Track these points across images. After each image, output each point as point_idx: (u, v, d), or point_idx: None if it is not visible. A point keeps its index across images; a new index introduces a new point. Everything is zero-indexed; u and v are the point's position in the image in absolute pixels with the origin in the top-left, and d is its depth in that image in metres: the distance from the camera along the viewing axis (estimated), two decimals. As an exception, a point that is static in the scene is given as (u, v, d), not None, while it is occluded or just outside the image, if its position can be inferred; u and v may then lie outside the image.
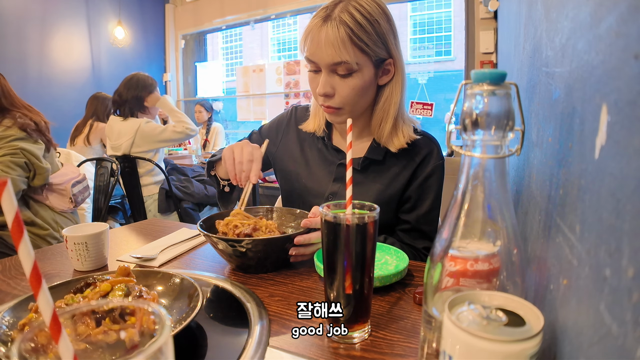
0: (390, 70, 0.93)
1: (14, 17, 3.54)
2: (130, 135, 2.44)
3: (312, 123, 1.06)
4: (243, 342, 0.53)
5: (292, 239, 0.75)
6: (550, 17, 0.49)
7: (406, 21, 7.51)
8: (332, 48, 0.84)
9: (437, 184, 0.98)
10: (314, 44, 0.86)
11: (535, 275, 0.47)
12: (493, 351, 0.30)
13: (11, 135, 1.50)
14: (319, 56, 0.87)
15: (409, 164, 0.97)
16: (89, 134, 3.00)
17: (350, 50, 0.84)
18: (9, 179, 0.24)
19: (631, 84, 0.24)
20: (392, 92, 0.94)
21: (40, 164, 1.56)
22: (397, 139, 0.96)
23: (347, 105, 0.90)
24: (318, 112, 1.05)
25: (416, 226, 0.97)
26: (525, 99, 0.66)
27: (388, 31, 0.89)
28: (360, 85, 0.88)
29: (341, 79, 0.88)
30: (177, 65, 4.97)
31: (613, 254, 0.25)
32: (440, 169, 0.98)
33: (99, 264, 0.82)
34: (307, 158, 1.08)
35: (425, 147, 0.98)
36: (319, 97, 0.92)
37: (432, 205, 0.97)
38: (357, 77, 0.87)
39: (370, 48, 0.86)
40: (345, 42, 0.83)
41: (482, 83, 0.36)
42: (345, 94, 0.89)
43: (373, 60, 0.88)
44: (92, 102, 3.11)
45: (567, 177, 0.37)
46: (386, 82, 0.94)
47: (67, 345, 0.26)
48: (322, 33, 0.84)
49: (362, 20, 0.84)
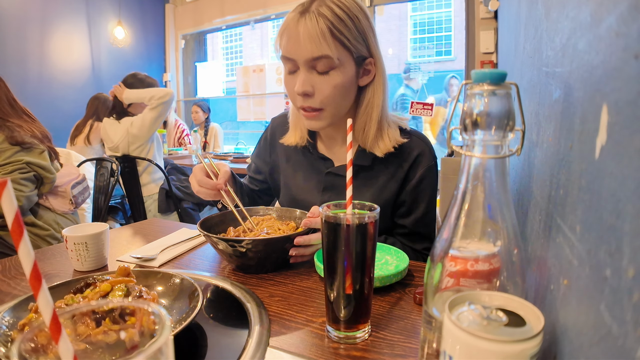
0: (371, 70, 0.88)
1: (14, 17, 3.54)
2: (124, 134, 2.44)
3: (293, 135, 1.01)
4: (243, 343, 0.53)
5: (293, 239, 0.75)
6: (551, 17, 0.49)
7: (406, 21, 7.51)
8: (311, 42, 0.79)
9: (430, 186, 0.94)
10: (291, 40, 0.81)
11: (535, 276, 0.47)
12: (493, 351, 0.30)
13: (10, 149, 1.48)
14: (296, 52, 0.81)
15: (399, 168, 0.93)
16: (90, 133, 3.01)
17: (331, 44, 0.79)
18: (8, 180, 0.24)
19: (631, 84, 0.24)
20: (374, 94, 0.90)
21: (47, 174, 1.55)
22: (382, 143, 0.91)
23: (328, 105, 0.85)
24: (298, 123, 1.00)
25: (414, 230, 0.95)
26: (525, 99, 0.66)
27: (368, 28, 0.85)
28: (341, 83, 0.83)
29: (321, 76, 0.83)
30: (177, 65, 4.97)
31: (613, 254, 0.25)
32: (433, 170, 0.95)
33: (99, 264, 0.82)
34: (295, 170, 1.04)
35: (415, 149, 0.94)
36: (297, 98, 0.86)
37: (427, 208, 0.94)
38: (338, 74, 0.83)
39: (352, 43, 0.82)
40: (326, 35, 0.79)
41: (482, 83, 0.36)
42: (326, 93, 0.83)
43: (354, 56, 0.84)
44: (92, 103, 3.12)
45: (568, 177, 0.37)
46: (367, 84, 0.90)
47: (67, 345, 0.26)
48: (299, 27, 0.80)
49: (342, 14, 0.80)
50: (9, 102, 1.56)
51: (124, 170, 2.49)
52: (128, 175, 2.53)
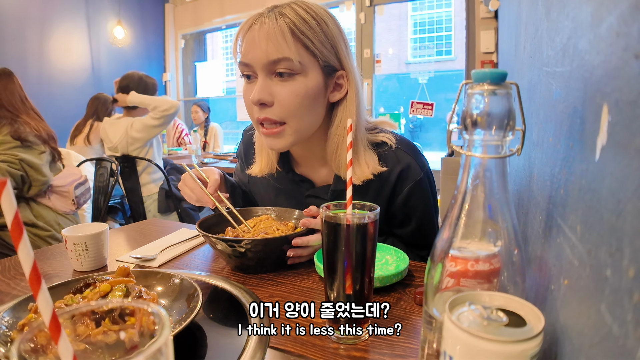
0: (343, 85, 0.80)
1: (14, 17, 3.54)
2: (123, 134, 2.43)
3: (259, 164, 0.92)
4: (243, 343, 0.53)
5: (292, 240, 0.75)
6: (551, 17, 0.49)
7: (406, 21, 7.51)
8: (269, 42, 0.71)
9: (421, 200, 0.87)
10: (248, 42, 0.74)
11: (536, 276, 0.47)
12: (494, 352, 0.30)
13: (10, 142, 1.48)
14: (253, 55, 0.73)
15: (385, 184, 0.85)
16: (90, 133, 3.00)
17: (291, 44, 0.71)
18: (8, 179, 0.24)
19: (632, 83, 0.24)
20: (345, 113, 0.80)
21: (38, 176, 1.53)
22: (359, 170, 0.81)
23: (290, 118, 0.76)
24: (264, 149, 0.90)
25: (410, 240, 0.92)
26: (526, 98, 0.66)
27: (338, 37, 0.78)
28: (303, 92, 0.74)
29: (281, 82, 0.74)
30: (177, 65, 4.97)
31: (614, 254, 0.25)
32: (421, 183, 0.86)
33: (99, 264, 0.81)
34: (274, 194, 0.98)
35: (397, 165, 0.84)
36: (254, 109, 0.77)
37: (420, 222, 0.89)
38: (299, 81, 0.74)
39: (316, 46, 0.74)
40: (285, 34, 0.71)
41: (482, 83, 0.36)
42: (286, 102, 0.74)
43: (321, 64, 0.76)
44: (93, 103, 3.11)
45: (568, 177, 0.37)
46: (338, 100, 0.81)
47: (67, 345, 0.26)
48: (256, 27, 0.73)
49: (306, 16, 0.73)
50: (21, 98, 1.57)
51: (123, 170, 2.49)
52: (128, 175, 2.53)
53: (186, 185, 0.88)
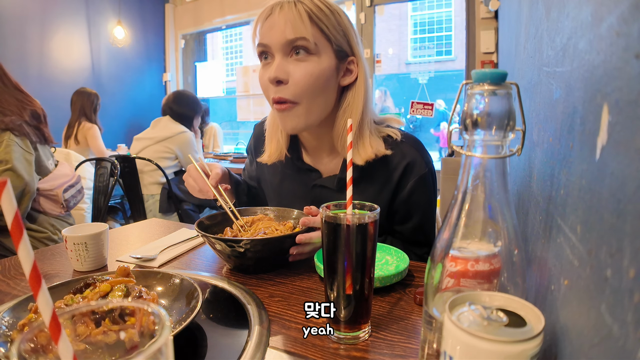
0: (353, 70, 0.86)
1: (14, 17, 3.54)
2: (167, 135, 2.54)
3: (269, 149, 0.95)
4: (243, 343, 0.53)
5: (291, 239, 0.75)
6: (551, 17, 0.49)
7: (406, 21, 7.51)
8: (288, 25, 0.78)
9: (424, 197, 0.89)
10: (267, 26, 0.80)
11: (536, 276, 0.47)
12: (494, 352, 0.30)
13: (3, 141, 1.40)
14: (272, 36, 0.80)
15: (390, 177, 0.88)
16: (77, 134, 2.97)
17: (308, 27, 0.78)
18: (8, 179, 0.24)
19: (632, 83, 0.24)
20: (354, 96, 0.85)
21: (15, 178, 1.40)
22: (363, 150, 0.84)
23: (302, 98, 0.81)
24: (274, 135, 0.95)
25: (411, 238, 0.93)
26: (526, 98, 0.66)
27: (349, 27, 0.84)
28: (317, 72, 0.80)
29: (296, 62, 0.80)
30: (177, 65, 4.97)
31: (614, 255, 0.25)
32: (426, 179, 0.89)
33: (99, 264, 0.81)
34: (281, 182, 1.01)
35: (405, 157, 0.88)
36: (269, 88, 0.83)
37: (423, 219, 0.91)
38: (314, 62, 0.80)
39: (330, 32, 0.80)
40: (303, 18, 0.77)
41: (482, 83, 0.36)
42: (300, 81, 0.79)
43: (334, 47, 0.82)
44: (77, 98, 3.03)
45: (568, 177, 0.37)
46: (349, 85, 0.86)
47: (67, 345, 0.26)
48: (275, 13, 0.79)
49: (322, 5, 0.80)
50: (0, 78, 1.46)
51: (123, 170, 2.49)
52: (128, 175, 2.53)
53: (190, 176, 0.91)
